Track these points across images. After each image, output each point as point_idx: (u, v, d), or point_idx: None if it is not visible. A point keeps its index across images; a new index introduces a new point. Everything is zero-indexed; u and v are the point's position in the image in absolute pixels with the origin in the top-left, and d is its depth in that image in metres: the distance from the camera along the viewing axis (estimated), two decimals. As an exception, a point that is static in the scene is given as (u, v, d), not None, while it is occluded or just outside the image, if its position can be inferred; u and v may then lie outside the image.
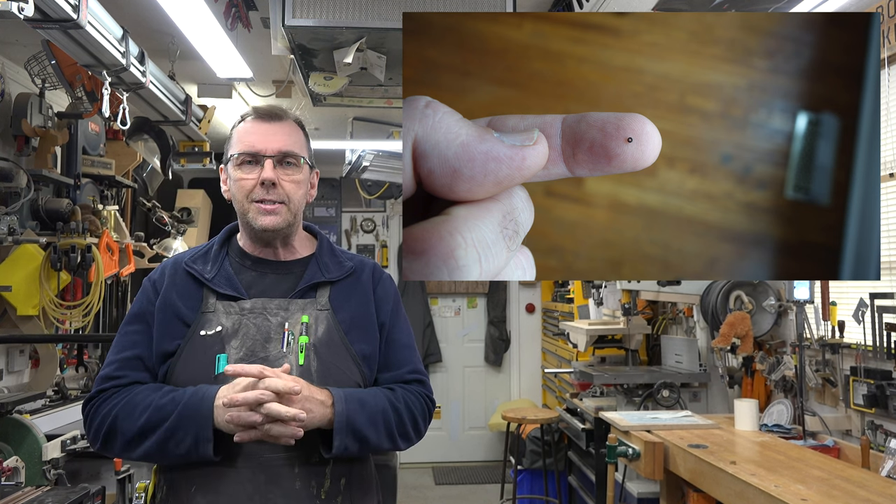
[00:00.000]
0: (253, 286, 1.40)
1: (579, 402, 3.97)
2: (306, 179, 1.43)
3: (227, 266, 1.42)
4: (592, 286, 4.69)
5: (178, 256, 1.48)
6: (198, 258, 1.43)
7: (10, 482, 2.16)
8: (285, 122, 1.41)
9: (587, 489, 3.94)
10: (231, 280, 1.39)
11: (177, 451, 1.25)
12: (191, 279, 1.40)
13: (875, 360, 2.55)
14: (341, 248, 1.54)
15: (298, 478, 1.29)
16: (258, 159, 1.36)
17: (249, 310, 1.36)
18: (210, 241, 1.50)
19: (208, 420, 1.23)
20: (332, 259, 1.47)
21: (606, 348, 4.43)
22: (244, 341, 1.33)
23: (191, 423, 1.23)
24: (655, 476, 2.67)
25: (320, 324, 1.37)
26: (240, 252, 1.45)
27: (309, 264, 1.45)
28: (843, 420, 2.70)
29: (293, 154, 1.38)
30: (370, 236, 6.47)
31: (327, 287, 1.42)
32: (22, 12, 1.71)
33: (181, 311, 1.36)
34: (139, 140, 3.83)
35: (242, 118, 1.42)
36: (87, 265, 3.18)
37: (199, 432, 1.23)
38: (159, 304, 1.38)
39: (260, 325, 1.35)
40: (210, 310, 1.36)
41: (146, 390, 1.31)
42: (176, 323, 1.36)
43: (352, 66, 2.32)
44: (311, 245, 1.50)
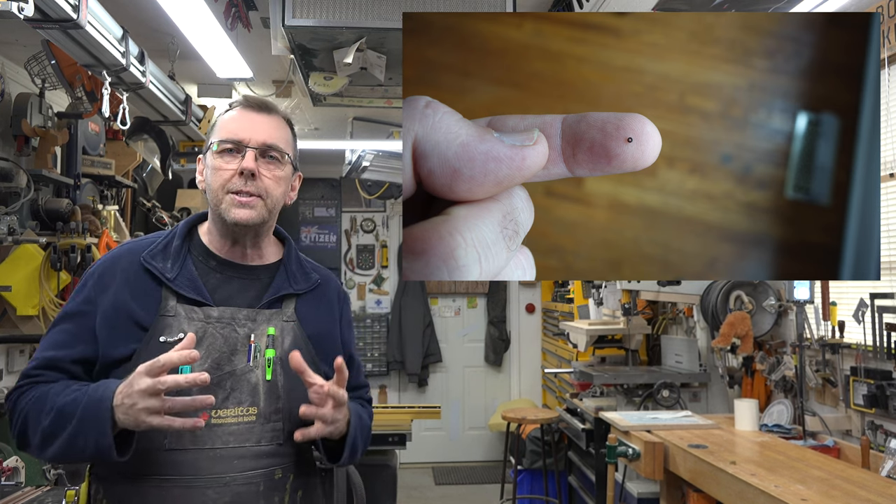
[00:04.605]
0: (217, 291, 1.31)
1: (579, 402, 3.97)
2: (287, 178, 1.35)
3: (189, 265, 1.31)
4: (592, 286, 4.69)
5: (133, 246, 1.34)
6: (156, 253, 1.31)
7: (10, 482, 2.16)
8: (273, 116, 1.34)
9: (587, 489, 3.94)
10: (195, 283, 1.29)
11: (84, 454, 1.17)
12: (148, 276, 1.28)
13: (875, 360, 2.55)
14: (304, 257, 1.47)
15: (262, 496, 1.25)
16: (240, 148, 1.28)
17: (217, 318, 1.27)
18: (169, 231, 1.37)
19: (106, 424, 1.13)
20: (300, 269, 1.40)
21: (606, 348, 4.43)
22: (210, 352, 1.24)
23: (90, 427, 1.14)
24: (655, 476, 2.67)
25: (286, 336, 1.31)
26: (203, 250, 1.34)
27: (277, 272, 1.37)
28: (843, 420, 2.70)
29: (277, 148, 1.31)
30: (370, 236, 6.47)
31: (293, 298, 1.36)
32: (22, 12, 1.71)
33: (136, 313, 1.25)
34: (139, 140, 3.83)
35: (230, 106, 1.36)
36: (87, 265, 3.18)
37: (98, 438, 1.13)
38: (108, 304, 1.26)
39: (227, 335, 1.26)
40: (170, 313, 1.25)
41: (55, 389, 1.22)
42: (129, 326, 1.25)
43: (352, 66, 2.32)
44: (277, 250, 1.42)
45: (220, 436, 1.23)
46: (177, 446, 1.21)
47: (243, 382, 1.26)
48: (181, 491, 1.20)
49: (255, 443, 1.25)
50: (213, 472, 1.21)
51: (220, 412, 1.23)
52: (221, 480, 1.22)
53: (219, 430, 1.23)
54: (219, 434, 1.23)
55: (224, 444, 1.23)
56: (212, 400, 1.14)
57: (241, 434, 1.24)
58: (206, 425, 1.21)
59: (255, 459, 1.25)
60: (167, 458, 1.21)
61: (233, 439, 1.24)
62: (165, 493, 1.20)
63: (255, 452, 1.25)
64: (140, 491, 1.21)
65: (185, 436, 1.21)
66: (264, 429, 1.26)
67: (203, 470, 1.21)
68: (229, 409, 1.24)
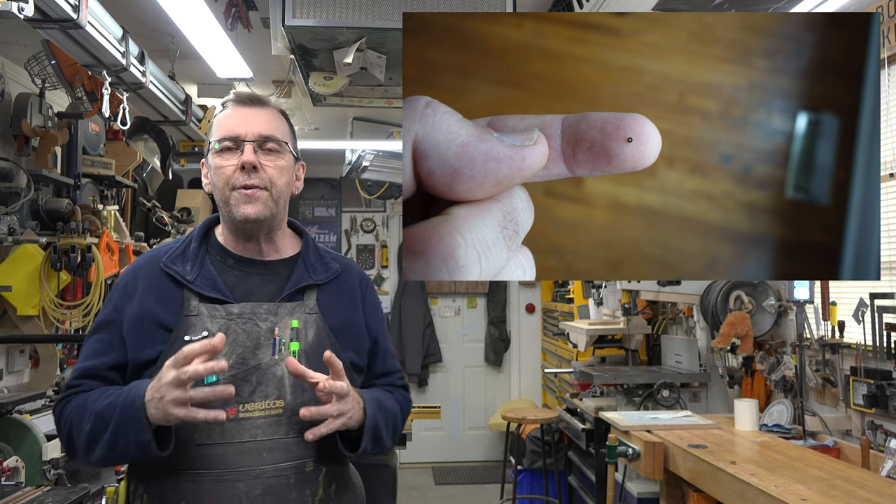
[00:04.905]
0: (237, 287, 1.34)
1: (579, 402, 3.97)
2: (290, 167, 1.36)
3: (208, 265, 1.34)
4: (592, 286, 4.69)
5: (154, 254, 1.39)
6: (176, 257, 1.35)
7: (10, 482, 2.16)
8: (267, 108, 1.35)
9: (587, 489, 3.94)
10: (214, 282, 1.32)
11: (126, 454, 1.21)
12: (169, 280, 1.32)
13: (875, 360, 2.55)
14: (325, 248, 1.49)
15: (294, 488, 1.27)
16: (238, 143, 1.30)
17: (238, 314, 1.29)
18: (187, 235, 1.41)
19: (142, 421, 1.17)
20: (319, 260, 1.42)
21: (606, 348, 4.43)
22: (234, 348, 1.27)
23: (128, 426, 1.18)
24: (655, 476, 2.67)
25: (309, 328, 1.33)
26: (220, 249, 1.38)
27: (295, 265, 1.39)
28: (843, 420, 2.70)
29: (275, 138, 1.32)
30: (370, 236, 6.47)
31: (314, 289, 1.37)
32: (22, 12, 1.71)
33: (160, 315, 1.29)
34: (139, 140, 3.83)
35: (223, 105, 1.37)
36: (87, 265, 3.18)
37: (137, 436, 1.18)
38: (134, 312, 1.31)
39: (249, 330, 1.29)
40: (193, 313, 1.29)
41: (93, 396, 1.27)
42: (154, 329, 1.29)
43: (352, 66, 2.32)
44: (295, 244, 1.44)
45: (248, 429, 1.26)
46: (207, 441, 1.25)
47: (269, 376, 1.28)
48: (213, 484, 1.23)
49: (284, 435, 1.27)
50: (242, 466, 1.24)
51: (247, 406, 1.26)
52: (251, 473, 1.24)
53: (247, 424, 1.26)
54: (247, 428, 1.26)
55: (252, 438, 1.26)
56: (232, 390, 1.17)
57: (269, 427, 1.27)
58: (234, 419, 1.25)
59: (285, 452, 1.27)
60: (199, 452, 1.24)
61: (261, 432, 1.26)
62: (199, 486, 1.23)
63: (283, 445, 1.27)
64: (177, 486, 1.24)
65: (215, 430, 1.24)
66: (292, 421, 1.27)
67: (233, 463, 1.24)
68: (256, 402, 1.27)
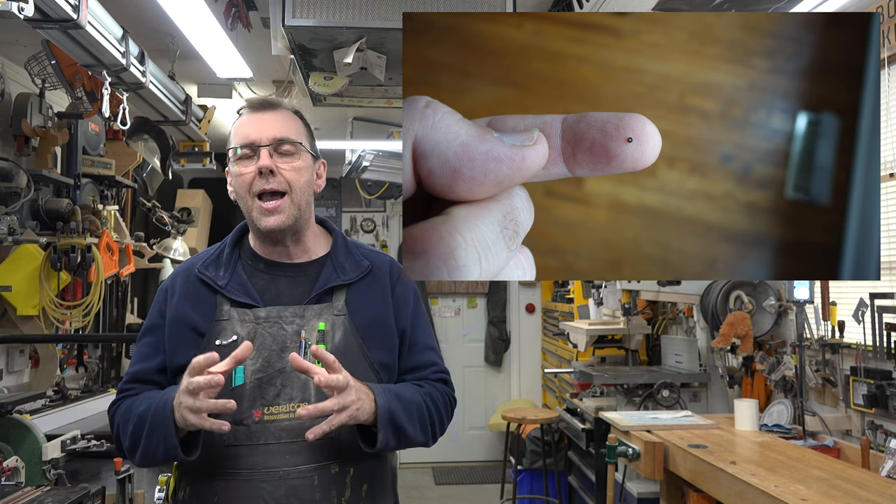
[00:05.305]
0: (266, 291, 1.37)
1: (579, 402, 3.97)
2: (309, 167, 1.38)
3: (239, 271, 1.38)
4: (592, 286, 4.69)
5: (192, 261, 1.44)
6: (210, 263, 1.40)
7: (10, 482, 2.16)
8: (280, 111, 1.37)
9: (587, 489, 3.94)
10: (245, 286, 1.36)
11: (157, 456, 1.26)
12: (204, 286, 1.37)
13: (875, 360, 2.55)
14: (357, 243, 1.48)
15: (318, 489, 1.28)
16: (254, 149, 1.32)
17: (264, 318, 1.33)
18: (223, 241, 1.46)
19: (170, 425, 1.22)
20: (348, 258, 1.42)
21: (606, 348, 4.43)
22: (260, 352, 1.30)
23: (159, 429, 1.24)
24: (655, 476, 2.67)
25: (337, 330, 1.34)
26: (252, 254, 1.41)
27: (324, 266, 1.40)
28: (843, 420, 2.70)
29: (290, 140, 1.34)
30: (370, 236, 6.47)
31: (343, 290, 1.38)
32: (22, 12, 1.71)
33: (194, 320, 1.34)
34: (139, 140, 3.83)
35: (239, 113, 1.39)
36: (87, 265, 3.18)
37: (165, 439, 1.23)
38: (171, 317, 1.37)
39: (275, 334, 1.32)
40: (225, 318, 1.33)
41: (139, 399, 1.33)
42: (189, 333, 1.34)
43: (352, 66, 2.32)
44: (325, 242, 1.46)
45: (272, 431, 1.28)
46: (234, 443, 1.28)
47: (293, 379, 1.30)
48: (240, 484, 1.27)
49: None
50: (266, 467, 1.27)
51: (271, 409, 1.29)
52: (276, 475, 1.27)
53: (271, 426, 1.28)
54: (271, 430, 1.28)
55: (276, 440, 1.28)
56: (233, 405, 1.20)
57: (293, 429, 1.28)
58: (259, 422, 1.28)
59: (309, 454, 1.29)
60: (227, 453, 1.28)
61: (284, 434, 1.28)
62: (229, 486, 1.28)
63: (307, 447, 1.28)
64: (212, 485, 1.30)
65: (241, 433, 1.28)
66: (315, 423, 1.27)
67: (258, 465, 1.27)
68: (280, 405, 1.29)
